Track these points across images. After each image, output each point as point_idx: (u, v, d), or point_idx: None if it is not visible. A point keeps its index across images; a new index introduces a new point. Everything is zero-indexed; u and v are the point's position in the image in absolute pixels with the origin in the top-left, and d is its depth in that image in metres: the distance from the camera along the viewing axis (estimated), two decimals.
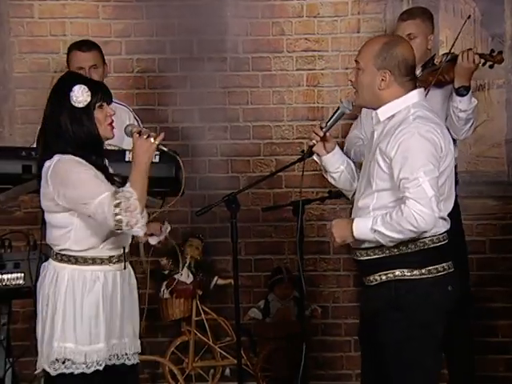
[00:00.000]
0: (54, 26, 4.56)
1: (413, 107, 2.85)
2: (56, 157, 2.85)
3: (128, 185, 2.82)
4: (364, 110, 3.89)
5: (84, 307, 2.88)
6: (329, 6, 4.58)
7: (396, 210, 2.75)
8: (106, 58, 4.08)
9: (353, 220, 2.86)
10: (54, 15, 4.56)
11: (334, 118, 3.07)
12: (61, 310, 2.86)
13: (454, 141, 3.91)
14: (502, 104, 4.57)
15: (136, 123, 4.03)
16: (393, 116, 2.87)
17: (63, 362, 2.85)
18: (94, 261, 2.90)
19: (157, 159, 3.35)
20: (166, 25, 4.55)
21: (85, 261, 2.89)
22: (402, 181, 2.75)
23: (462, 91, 3.72)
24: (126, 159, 3.28)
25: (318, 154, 3.09)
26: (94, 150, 2.91)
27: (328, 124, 3.06)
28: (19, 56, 4.59)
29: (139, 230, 2.81)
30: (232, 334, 4.41)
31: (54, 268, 2.90)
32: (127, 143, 3.82)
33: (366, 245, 2.88)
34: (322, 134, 3.04)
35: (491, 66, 3.74)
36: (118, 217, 2.74)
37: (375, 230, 2.77)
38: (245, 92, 4.61)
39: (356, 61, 2.94)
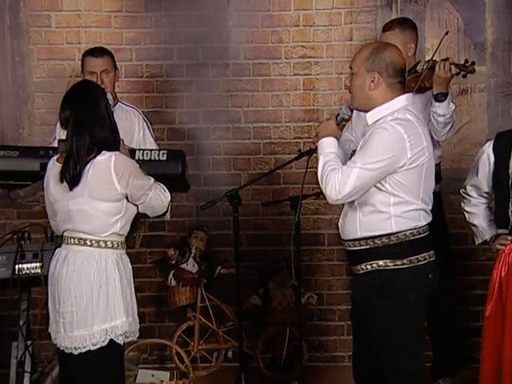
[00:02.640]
0: (69, 34, 4.57)
1: (397, 111, 2.87)
2: (108, 152, 2.90)
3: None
4: (355, 113, 3.89)
5: (130, 286, 2.99)
6: (324, 15, 4.59)
7: (339, 168, 2.79)
8: (117, 64, 4.07)
9: (334, 138, 2.93)
10: (69, 25, 4.57)
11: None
12: (119, 291, 2.91)
13: (438, 142, 3.94)
14: (483, 107, 4.58)
15: (145, 124, 4.02)
16: (379, 120, 2.89)
17: (121, 335, 2.92)
18: (124, 244, 3.01)
19: (164, 157, 3.36)
20: (173, 33, 4.57)
21: (122, 244, 2.99)
22: (351, 159, 2.82)
23: (440, 97, 3.72)
24: (136, 158, 3.28)
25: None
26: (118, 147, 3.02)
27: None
28: (38, 62, 4.58)
29: (169, 215, 3.16)
30: (234, 319, 4.42)
31: (99, 255, 2.92)
32: (136, 144, 3.84)
33: (353, 236, 2.92)
34: None
35: (464, 76, 3.73)
36: (169, 198, 3.05)
37: (323, 160, 2.85)
38: (246, 95, 4.62)
39: (350, 67, 2.99)
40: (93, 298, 2.90)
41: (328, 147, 2.90)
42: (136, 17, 4.58)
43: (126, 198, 2.96)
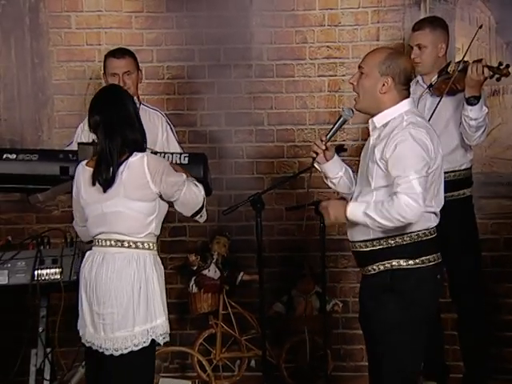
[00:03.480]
0: (89, 35, 4.61)
1: (405, 114, 2.97)
2: (139, 153, 3.01)
3: None
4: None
5: (164, 286, 3.06)
6: (349, 15, 4.60)
7: (388, 200, 2.86)
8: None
9: (347, 203, 2.98)
10: (89, 26, 4.61)
11: (336, 126, 3.16)
12: (158, 291, 3.00)
13: (469, 145, 3.93)
14: None
15: (168, 127, 4.05)
16: (387, 123, 2.99)
17: (162, 334, 3.00)
18: (157, 246, 3.09)
19: (186, 161, 3.39)
20: (194, 34, 4.60)
21: (156, 245, 3.08)
22: (396, 178, 2.87)
23: (473, 101, 3.72)
24: None
25: (318, 162, 3.20)
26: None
27: (330, 134, 3.15)
28: (57, 64, 4.62)
29: (205, 213, 3.21)
30: (257, 327, 4.43)
31: (138, 256, 3.00)
32: (160, 146, 3.88)
33: (365, 237, 2.98)
34: (324, 147, 3.15)
35: (498, 79, 3.72)
36: (203, 193, 3.12)
37: (367, 214, 2.88)
38: (269, 97, 4.65)
39: (360, 66, 3.06)
40: (133, 299, 2.97)
41: (357, 210, 2.90)
42: (157, 17, 4.61)
43: (160, 196, 3.05)
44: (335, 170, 3.19)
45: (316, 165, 3.20)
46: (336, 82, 4.62)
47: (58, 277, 3.46)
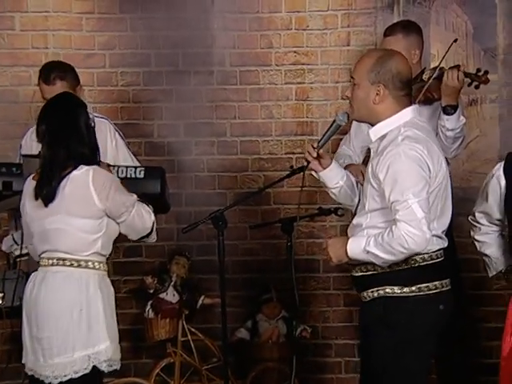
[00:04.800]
0: (35, 38, 4.57)
1: (404, 126, 2.88)
2: (85, 166, 3.00)
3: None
4: (354, 125, 3.90)
5: (112, 309, 3.07)
6: (318, 18, 4.61)
7: (387, 232, 2.80)
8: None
9: (347, 239, 2.91)
10: (35, 27, 4.57)
11: (328, 132, 3.11)
12: (102, 314, 2.99)
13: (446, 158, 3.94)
14: (494, 119, 4.61)
15: (117, 134, 4.00)
16: (384, 136, 2.91)
17: (106, 361, 2.98)
18: (106, 265, 3.10)
19: (142, 175, 3.35)
20: (151, 37, 4.57)
21: (103, 265, 3.08)
22: (393, 203, 2.80)
23: (449, 110, 3.71)
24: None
25: (315, 171, 3.14)
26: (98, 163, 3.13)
27: (322, 140, 3.10)
28: (0, 69, 4.57)
29: (155, 235, 3.17)
30: (219, 355, 4.40)
31: (80, 275, 2.99)
32: (110, 154, 3.82)
33: (359, 261, 2.92)
34: (315, 154, 3.10)
35: (477, 87, 3.72)
36: (153, 218, 3.11)
37: (368, 251, 2.84)
38: (232, 106, 4.63)
39: (352, 76, 3.00)
40: (73, 321, 2.94)
41: (357, 248, 2.85)
42: (110, 19, 4.59)
43: (107, 215, 3.04)
44: (334, 179, 3.13)
45: (313, 173, 3.15)
46: (304, 89, 4.61)
47: (0, 302, 3.40)
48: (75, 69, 3.93)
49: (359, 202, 3.07)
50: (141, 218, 3.08)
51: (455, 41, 3.86)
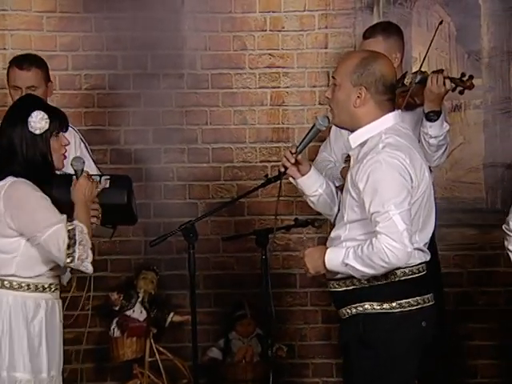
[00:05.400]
0: None
1: (385, 133, 2.88)
2: (10, 178, 2.97)
3: (76, 220, 2.99)
4: (333, 130, 3.90)
5: (28, 335, 2.98)
6: (294, 19, 4.62)
7: (367, 244, 2.79)
8: (50, 73, 4.02)
9: (325, 250, 2.89)
10: None
11: (308, 136, 3.09)
12: (7, 338, 2.95)
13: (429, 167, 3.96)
14: (479, 126, 4.62)
15: (82, 144, 3.98)
16: (365, 142, 2.91)
17: None
18: (37, 287, 3.02)
19: (107, 184, 3.33)
20: (117, 38, 4.56)
21: (29, 287, 3.00)
22: (373, 215, 2.79)
23: (432, 116, 3.72)
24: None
25: (292, 177, 3.12)
26: (45, 178, 3.03)
27: (300, 146, 3.08)
28: None
29: (88, 265, 3.00)
30: (189, 376, 4.38)
31: None
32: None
33: (339, 275, 2.92)
34: (293, 160, 3.07)
35: (461, 92, 3.75)
36: (72, 249, 2.92)
37: (347, 264, 2.82)
38: (203, 111, 4.63)
39: (333, 76, 2.99)
40: None
41: (335, 260, 2.84)
42: (73, 18, 4.57)
43: (22, 234, 2.97)
44: (313, 187, 3.11)
45: (291, 179, 3.13)
46: (279, 94, 4.62)
47: None
48: None
49: (338, 212, 3.06)
50: (55, 246, 2.93)
51: (441, 23, 3.87)
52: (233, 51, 4.62)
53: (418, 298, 2.90)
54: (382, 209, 2.76)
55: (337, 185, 3.52)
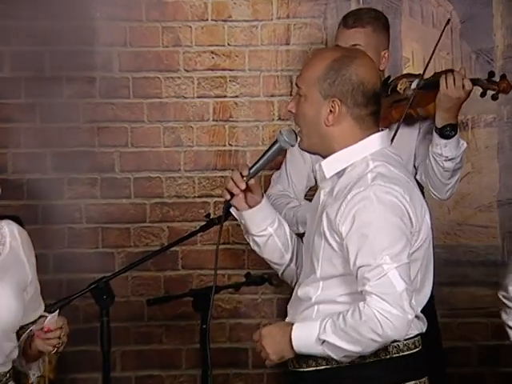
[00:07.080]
0: None
1: (372, 159, 2.89)
2: None
3: None
4: (290, 152, 3.87)
5: None
6: (244, 5, 4.69)
7: (352, 311, 2.77)
8: None
9: (291, 326, 2.86)
10: None
11: (266, 156, 3.09)
12: None
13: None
14: (492, 149, 4.69)
15: None
16: (344, 171, 2.91)
17: None
18: None
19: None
20: (3, 30, 4.57)
21: None
22: (361, 269, 2.78)
23: (449, 132, 3.74)
24: None
25: (236, 208, 3.10)
26: None
27: (254, 167, 3.08)
28: None
29: None
30: None
31: None
32: None
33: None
34: (244, 185, 3.06)
35: (495, 97, 3.73)
36: None
37: (324, 341, 2.79)
38: (123, 128, 4.66)
39: (296, 84, 2.99)
40: None
41: (307, 338, 2.83)
42: None
43: None
44: (262, 224, 3.12)
45: (232, 211, 3.12)
46: (226, 105, 4.67)
47: None
48: None
49: (298, 263, 3.08)
50: None
51: (448, 22, 3.88)
52: (162, 47, 4.66)
53: (414, 381, 2.92)
54: (373, 261, 2.76)
55: (301, 231, 3.50)
